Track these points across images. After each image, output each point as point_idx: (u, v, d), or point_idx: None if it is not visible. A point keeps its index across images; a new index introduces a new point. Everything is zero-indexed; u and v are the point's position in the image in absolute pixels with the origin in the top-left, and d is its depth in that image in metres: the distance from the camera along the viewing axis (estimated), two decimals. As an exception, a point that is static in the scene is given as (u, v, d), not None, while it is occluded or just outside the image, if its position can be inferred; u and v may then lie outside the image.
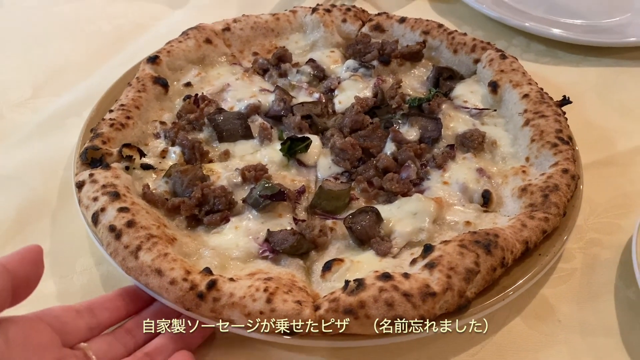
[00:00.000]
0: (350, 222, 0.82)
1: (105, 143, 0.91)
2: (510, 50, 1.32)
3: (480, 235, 0.77)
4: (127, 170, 0.89)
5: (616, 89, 1.24)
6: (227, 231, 0.83)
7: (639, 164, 1.07)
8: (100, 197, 0.81)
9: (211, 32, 1.16)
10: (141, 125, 0.99)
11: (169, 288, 0.71)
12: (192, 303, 0.70)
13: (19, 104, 1.07)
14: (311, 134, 1.00)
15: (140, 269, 0.73)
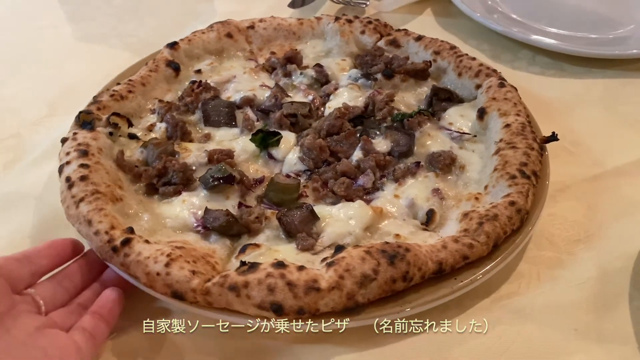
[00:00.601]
0: (282, 215, 0.86)
1: (99, 110, 1.02)
2: (517, 63, 1.33)
3: (391, 246, 0.78)
4: (111, 135, 0.99)
5: (621, 100, 1.23)
6: (175, 203, 0.90)
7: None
8: (72, 152, 0.91)
9: (235, 27, 1.25)
10: (140, 100, 1.08)
11: (92, 237, 0.79)
12: (107, 254, 0.78)
13: (34, 122, 1.14)
14: (291, 131, 1.05)
15: (77, 217, 0.82)
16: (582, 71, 1.31)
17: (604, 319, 0.82)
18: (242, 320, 0.73)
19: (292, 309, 0.71)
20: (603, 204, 0.99)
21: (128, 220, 0.84)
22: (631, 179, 1.05)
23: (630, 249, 0.91)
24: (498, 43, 1.38)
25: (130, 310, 0.80)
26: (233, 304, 0.73)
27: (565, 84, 1.28)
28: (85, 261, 0.83)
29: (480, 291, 0.84)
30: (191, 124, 1.07)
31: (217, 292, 0.73)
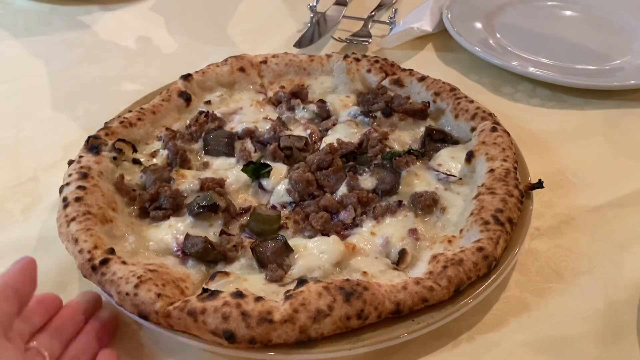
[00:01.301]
0: (255, 245, 0.90)
1: (107, 135, 1.09)
2: (517, 95, 1.35)
3: (349, 283, 0.80)
4: (115, 160, 1.06)
5: (621, 130, 1.24)
6: (163, 227, 0.96)
7: None
8: (73, 174, 0.99)
9: (248, 62, 1.31)
10: (148, 127, 1.16)
11: (77, 255, 0.86)
12: (87, 272, 0.84)
13: (51, 165, 1.16)
14: (284, 164, 1.09)
15: (66, 235, 0.89)
16: (582, 102, 1.32)
17: (612, 352, 0.82)
18: (198, 344, 0.77)
19: (244, 337, 0.75)
20: (608, 234, 1.01)
21: (113, 241, 0.90)
22: (635, 208, 1.06)
23: (636, 279, 0.91)
24: (498, 76, 1.40)
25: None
26: (191, 328, 0.77)
27: (566, 115, 1.30)
28: (73, 310, 0.82)
29: (488, 324, 0.86)
30: (193, 152, 1.13)
31: (177, 315, 0.77)
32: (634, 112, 1.29)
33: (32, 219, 1.06)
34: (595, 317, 0.87)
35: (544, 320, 0.87)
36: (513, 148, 1.06)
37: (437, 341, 0.84)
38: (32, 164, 1.19)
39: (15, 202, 1.10)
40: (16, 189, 1.13)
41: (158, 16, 1.74)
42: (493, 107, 1.26)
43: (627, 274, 0.93)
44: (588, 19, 1.61)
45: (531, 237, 1.00)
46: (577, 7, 1.64)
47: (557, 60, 1.42)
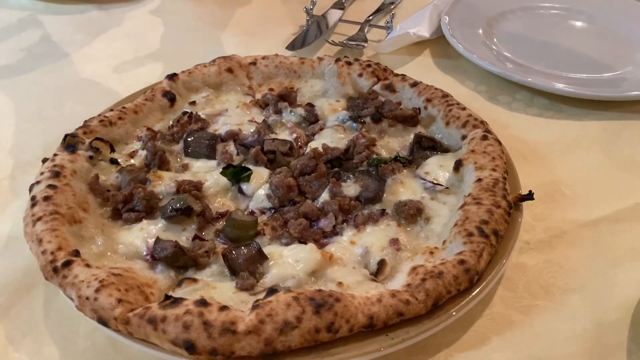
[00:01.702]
0: (227, 251, 0.86)
1: (85, 134, 1.06)
2: (514, 104, 1.32)
3: (321, 294, 0.76)
4: (92, 159, 1.03)
5: (620, 143, 1.20)
6: (134, 230, 0.92)
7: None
8: (45, 172, 0.95)
9: (236, 63, 1.28)
10: (129, 127, 1.12)
11: (39, 256, 0.82)
12: (48, 274, 0.81)
13: (30, 163, 1.13)
14: (267, 168, 1.05)
15: (31, 234, 0.85)
16: (581, 113, 1.28)
17: None
18: (157, 354, 0.73)
19: (205, 348, 0.71)
20: (601, 250, 0.97)
21: (81, 243, 0.87)
22: (629, 224, 1.02)
23: (628, 299, 0.87)
24: (496, 85, 1.36)
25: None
26: (150, 337, 0.73)
27: (564, 125, 1.26)
28: None
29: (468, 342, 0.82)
30: (173, 154, 1.10)
31: (136, 323, 0.73)
32: (634, 124, 1.25)
33: (3, 218, 1.04)
34: (582, 338, 0.83)
35: (528, 339, 0.83)
36: (504, 157, 1.01)
37: (413, 358, 0.80)
38: (10, 161, 1.17)
39: (-12, 200, 1.07)
40: (-9, 187, 1.10)
41: (154, 18, 1.71)
42: (489, 115, 1.23)
43: (618, 293, 0.88)
44: (592, 29, 1.57)
45: (520, 251, 0.96)
46: (581, 17, 1.60)
47: (556, 69, 1.38)
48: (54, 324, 0.85)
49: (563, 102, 1.30)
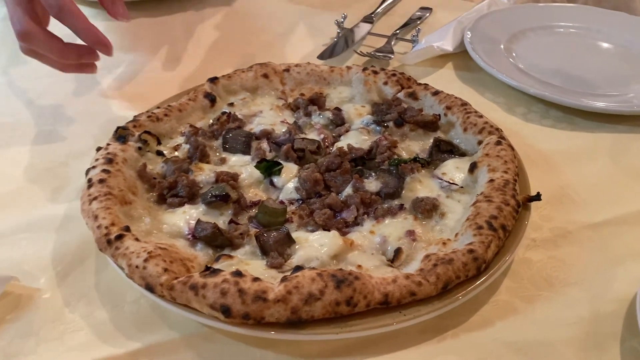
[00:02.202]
0: (260, 234, 0.96)
1: (135, 127, 1.18)
2: (530, 115, 1.40)
3: (342, 272, 0.85)
4: (140, 150, 1.14)
5: (630, 154, 1.26)
6: (177, 213, 1.03)
7: None
8: (100, 159, 1.07)
9: (272, 69, 1.39)
10: (174, 123, 1.24)
11: (95, 230, 0.93)
12: (102, 245, 0.91)
13: (82, 153, 1.24)
14: (296, 164, 1.15)
15: (88, 212, 0.97)
16: (593, 125, 1.35)
17: (593, 357, 0.85)
18: (195, 318, 0.83)
19: (239, 313, 0.81)
20: (602, 250, 1.03)
21: (130, 221, 0.98)
22: (632, 227, 1.08)
23: (625, 293, 0.94)
24: (513, 97, 1.44)
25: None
26: (191, 302, 0.83)
27: (575, 137, 1.33)
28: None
29: (474, 324, 0.90)
30: (212, 149, 1.21)
31: (179, 289, 0.84)
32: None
33: (60, 200, 1.15)
34: (579, 325, 0.90)
35: (529, 324, 0.90)
36: (516, 162, 1.09)
37: (424, 335, 0.88)
38: (64, 151, 1.28)
39: (46, 184, 1.19)
40: (48, 173, 1.22)
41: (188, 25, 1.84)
42: (505, 125, 1.31)
43: (616, 288, 0.95)
44: (609, 47, 1.64)
45: (527, 247, 1.03)
46: (599, 36, 1.67)
47: (572, 84, 1.45)
48: (104, 291, 0.96)
49: (576, 115, 1.37)
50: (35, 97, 1.46)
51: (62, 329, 0.90)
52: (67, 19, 1.14)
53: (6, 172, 1.22)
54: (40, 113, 1.41)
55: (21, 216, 1.11)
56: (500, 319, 0.91)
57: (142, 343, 0.88)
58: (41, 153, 1.28)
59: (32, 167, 1.24)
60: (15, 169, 1.23)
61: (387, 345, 0.87)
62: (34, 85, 1.22)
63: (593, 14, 1.75)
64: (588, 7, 1.81)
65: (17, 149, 1.30)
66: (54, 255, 1.03)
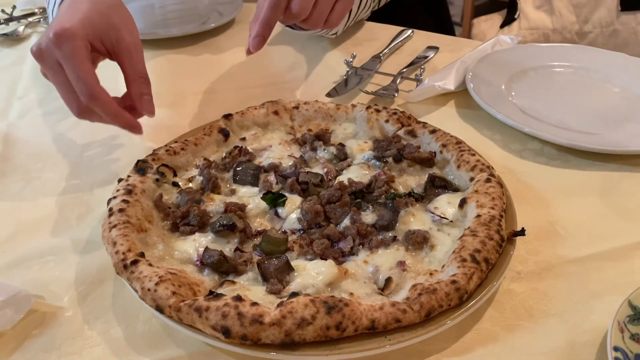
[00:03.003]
0: (261, 261, 1.05)
1: (154, 160, 1.28)
2: (525, 153, 1.47)
3: (333, 299, 0.93)
4: (157, 181, 1.25)
5: (618, 192, 1.32)
6: (188, 240, 1.13)
7: (630, 259, 1.15)
8: (121, 190, 1.17)
9: (282, 107, 1.49)
10: (189, 156, 1.34)
11: (113, 255, 1.03)
12: (119, 269, 1.01)
13: (105, 182, 1.36)
14: (300, 196, 1.25)
15: (107, 238, 1.07)
16: (585, 163, 1.41)
17: None
18: (201, 338, 0.92)
19: (238, 334, 0.89)
20: (584, 283, 1.09)
21: (145, 248, 1.08)
22: (615, 263, 1.14)
23: (601, 325, 0.99)
24: (510, 134, 1.51)
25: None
26: (195, 323, 0.92)
27: (568, 174, 1.39)
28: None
29: (456, 350, 0.97)
30: (223, 180, 1.31)
31: (185, 310, 0.93)
32: (633, 176, 1.37)
33: (84, 225, 1.26)
34: (555, 354, 0.96)
35: (507, 352, 0.97)
36: (504, 199, 1.17)
37: (408, 359, 0.96)
38: (89, 180, 1.40)
39: (72, 210, 1.31)
40: (75, 199, 1.34)
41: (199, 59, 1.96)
42: (501, 161, 1.40)
43: (593, 319, 1.01)
44: (606, 87, 1.70)
45: (511, 279, 1.10)
46: (597, 76, 1.74)
47: (567, 123, 1.51)
48: (120, 311, 1.05)
49: (570, 153, 1.44)
50: (66, 130, 1.59)
51: (81, 344, 1.00)
52: (99, 106, 1.23)
53: (38, 200, 1.34)
54: (70, 145, 1.53)
55: (49, 240, 1.22)
56: (481, 346, 0.98)
57: (152, 359, 0.97)
58: (69, 182, 1.40)
59: (60, 194, 1.36)
60: (46, 196, 1.35)
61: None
62: (67, 117, 1.34)
63: (593, 55, 1.82)
64: (588, 48, 1.87)
65: (48, 177, 1.42)
66: (76, 276, 1.13)
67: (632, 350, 0.89)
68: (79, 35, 1.18)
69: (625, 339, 0.91)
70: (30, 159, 1.49)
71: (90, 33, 1.24)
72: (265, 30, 1.38)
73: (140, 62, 1.33)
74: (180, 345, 0.99)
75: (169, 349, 0.99)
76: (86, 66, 1.20)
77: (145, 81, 1.32)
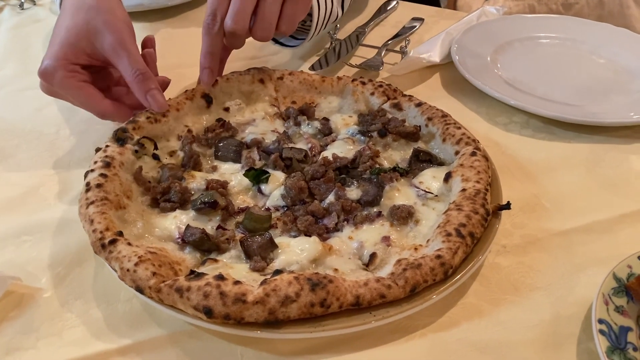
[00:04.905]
0: (244, 239, 1.03)
1: (134, 129, 1.22)
2: (511, 126, 1.45)
3: (317, 275, 0.92)
4: (137, 153, 1.19)
5: (604, 164, 1.32)
6: (168, 217, 1.10)
7: (615, 232, 1.15)
8: (99, 162, 1.12)
9: (267, 76, 1.45)
10: (172, 123, 1.28)
11: (90, 234, 1.00)
12: (97, 249, 0.98)
13: (83, 159, 1.31)
14: (283, 172, 1.22)
15: (84, 215, 1.03)
16: (571, 136, 1.41)
17: (551, 357, 0.91)
18: (183, 317, 0.91)
19: (220, 314, 0.87)
20: (569, 256, 1.09)
21: (124, 225, 1.05)
22: (599, 235, 1.14)
23: (585, 298, 0.99)
24: (496, 107, 1.50)
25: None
26: (177, 303, 0.90)
27: (554, 147, 1.38)
28: None
29: (441, 325, 0.97)
30: (205, 156, 1.27)
31: (166, 291, 0.91)
32: (618, 147, 1.37)
33: (61, 204, 1.23)
34: (540, 327, 0.96)
35: (493, 325, 0.96)
36: (489, 172, 1.15)
37: (393, 335, 0.95)
38: (67, 157, 1.36)
39: (49, 189, 1.27)
40: (52, 177, 1.30)
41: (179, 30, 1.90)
42: (486, 135, 1.38)
43: (577, 292, 1.01)
44: (592, 59, 1.69)
45: (497, 253, 1.09)
46: (583, 47, 1.72)
47: (553, 95, 1.50)
48: (100, 291, 1.03)
49: (556, 126, 1.43)
50: (43, 105, 1.54)
51: (60, 325, 0.98)
52: (114, 118, 1.31)
53: (11, 178, 1.30)
54: (46, 122, 1.48)
55: (25, 220, 1.18)
56: (467, 321, 0.97)
57: (133, 339, 0.95)
58: (46, 159, 1.36)
59: (37, 172, 1.32)
60: (21, 175, 1.31)
61: (359, 344, 0.93)
62: (40, 94, 1.29)
63: (579, 25, 1.81)
64: (574, 19, 1.85)
65: (23, 155, 1.38)
66: (54, 257, 1.10)
67: (616, 322, 0.89)
68: (59, 67, 1.21)
69: (609, 311, 0.90)
70: (5, 136, 1.44)
71: (70, 57, 1.24)
72: (210, 61, 1.33)
73: (132, 57, 1.24)
74: (163, 325, 0.97)
75: (151, 329, 0.97)
76: (82, 91, 1.24)
77: (144, 77, 1.24)
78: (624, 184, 1.27)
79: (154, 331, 0.96)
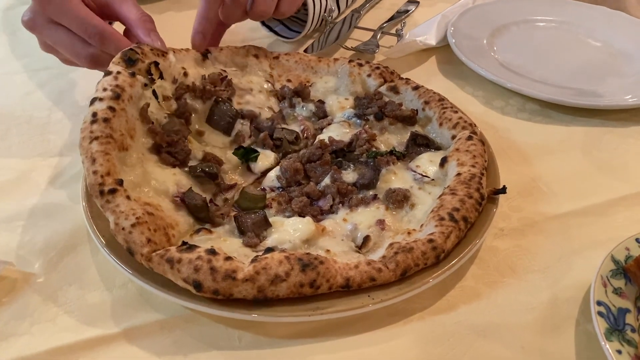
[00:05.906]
0: (239, 215, 1.02)
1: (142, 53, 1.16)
2: (507, 109, 1.44)
3: (308, 256, 0.90)
4: (146, 86, 1.13)
5: (600, 147, 1.31)
6: (167, 171, 1.07)
7: (612, 215, 1.14)
8: (108, 90, 1.05)
9: (263, 52, 1.43)
10: (172, 60, 1.23)
11: (90, 174, 0.95)
12: (94, 192, 0.94)
13: (76, 143, 1.17)
14: (272, 151, 1.21)
15: (86, 150, 0.98)
16: (568, 119, 1.40)
17: (548, 342, 0.91)
18: (178, 301, 0.89)
19: (210, 289, 0.86)
20: (566, 239, 1.08)
21: (124, 169, 1.00)
22: (596, 218, 1.13)
23: (583, 281, 0.99)
24: (492, 90, 1.49)
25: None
26: (167, 273, 0.88)
27: (550, 130, 1.37)
28: None
29: (440, 308, 0.96)
30: (197, 113, 1.22)
31: (157, 261, 0.89)
32: (614, 131, 1.36)
33: (54, 188, 1.19)
34: (538, 310, 0.95)
35: (491, 308, 0.95)
36: (485, 156, 1.14)
37: (392, 317, 0.93)
38: (59, 142, 1.32)
39: (41, 174, 1.23)
40: (43, 162, 1.26)
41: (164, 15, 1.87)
42: (483, 118, 1.37)
43: (575, 275, 1.00)
44: (588, 42, 1.67)
45: (494, 236, 1.08)
46: (579, 30, 1.71)
47: (549, 78, 1.49)
48: (94, 276, 1.00)
49: (552, 109, 1.42)
50: (33, 89, 1.51)
51: (55, 311, 0.95)
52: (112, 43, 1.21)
53: (3, 163, 1.27)
54: (36, 106, 1.44)
55: (17, 204, 1.15)
56: (465, 304, 0.96)
57: (129, 325, 0.93)
58: (37, 144, 1.32)
59: (28, 157, 1.29)
60: (12, 159, 1.28)
61: (357, 327, 0.92)
62: (32, 77, 1.25)
63: (575, 9, 1.79)
64: (570, 2, 1.83)
65: (14, 140, 1.34)
66: (48, 241, 1.07)
67: (615, 304, 0.89)
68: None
69: (608, 293, 0.90)
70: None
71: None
72: (205, 25, 1.33)
73: (136, 4, 1.27)
74: (158, 309, 0.95)
75: (147, 314, 0.95)
76: (83, 8, 1.17)
77: (149, 18, 1.25)
78: (621, 167, 1.27)
79: (150, 316, 0.94)
